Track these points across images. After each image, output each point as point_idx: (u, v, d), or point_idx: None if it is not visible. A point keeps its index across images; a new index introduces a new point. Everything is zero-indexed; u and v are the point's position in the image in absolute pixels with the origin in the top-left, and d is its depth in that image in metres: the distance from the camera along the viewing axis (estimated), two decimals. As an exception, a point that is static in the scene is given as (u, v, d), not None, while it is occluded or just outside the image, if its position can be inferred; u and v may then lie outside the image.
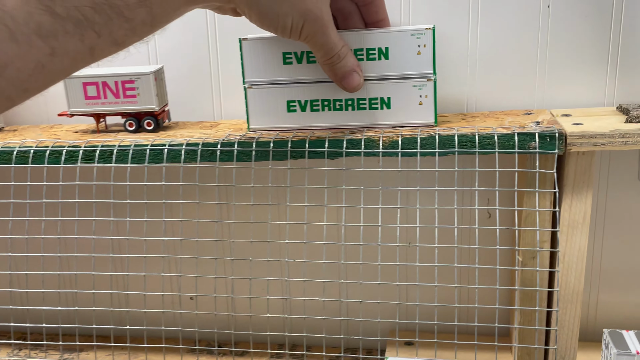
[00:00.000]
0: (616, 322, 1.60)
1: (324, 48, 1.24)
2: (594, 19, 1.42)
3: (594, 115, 1.38)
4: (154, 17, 1.03)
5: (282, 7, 1.13)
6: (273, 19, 1.15)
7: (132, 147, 1.38)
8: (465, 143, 1.30)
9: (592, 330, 1.62)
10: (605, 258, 1.57)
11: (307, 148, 1.34)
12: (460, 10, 1.45)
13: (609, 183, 1.52)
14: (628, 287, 1.59)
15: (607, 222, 1.54)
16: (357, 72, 1.31)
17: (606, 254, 1.57)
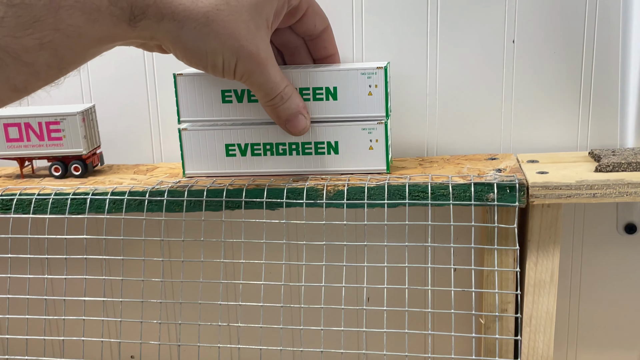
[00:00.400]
0: (597, 388, 1.49)
1: (264, 88, 1.15)
2: (564, 54, 1.34)
3: (563, 161, 1.29)
4: (60, 59, 0.94)
5: (210, 43, 1.04)
6: (201, 58, 1.06)
7: (53, 195, 1.28)
8: (418, 194, 1.20)
9: (570, 396, 1.50)
10: (582, 317, 1.47)
11: (244, 198, 1.24)
12: (418, 47, 1.37)
13: (584, 235, 1.42)
14: (608, 346, 1.47)
15: (583, 278, 1.44)
16: (303, 115, 1.22)
17: (584, 313, 1.46)
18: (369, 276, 1.27)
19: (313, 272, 1.31)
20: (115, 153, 1.50)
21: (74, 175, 1.38)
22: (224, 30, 1.04)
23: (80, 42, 0.95)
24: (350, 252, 1.32)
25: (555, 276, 1.22)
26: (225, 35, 1.04)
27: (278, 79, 1.15)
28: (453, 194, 1.19)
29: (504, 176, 1.20)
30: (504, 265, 1.22)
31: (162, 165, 1.46)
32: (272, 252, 1.33)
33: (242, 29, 1.06)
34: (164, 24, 1.00)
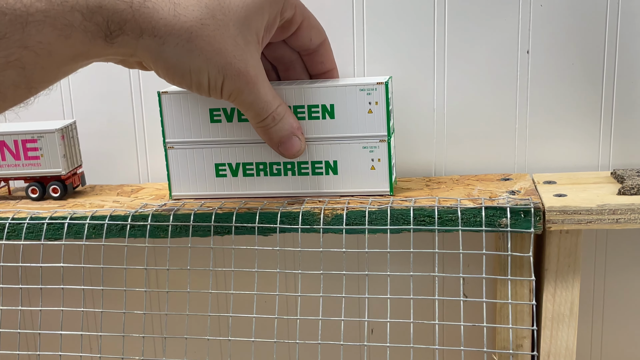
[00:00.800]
0: None
1: (254, 108, 1.08)
2: (583, 65, 1.27)
3: (583, 182, 1.21)
4: (29, 78, 0.88)
5: (194, 61, 0.97)
6: (184, 76, 0.99)
7: (28, 220, 1.22)
8: (423, 219, 1.13)
9: None
10: (606, 354, 1.39)
11: (234, 223, 1.17)
12: (424, 58, 1.30)
13: (607, 264, 1.35)
14: (635, 386, 1.39)
15: (606, 312, 1.36)
16: (297, 136, 1.15)
17: (607, 349, 1.39)
18: (371, 308, 1.20)
19: (310, 304, 1.24)
20: (98, 173, 1.44)
21: (53, 197, 1.32)
22: (209, 46, 0.97)
23: (51, 60, 0.89)
24: (350, 282, 1.25)
25: (575, 309, 1.15)
26: (210, 51, 0.98)
27: (269, 98, 1.08)
28: (462, 218, 1.12)
29: (518, 199, 1.13)
30: (518, 298, 1.15)
31: (147, 186, 1.39)
32: (265, 282, 1.26)
33: (230, 44, 0.99)
34: (144, 40, 0.94)
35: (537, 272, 1.17)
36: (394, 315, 1.16)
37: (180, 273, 1.25)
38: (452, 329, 1.21)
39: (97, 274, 1.24)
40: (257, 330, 1.18)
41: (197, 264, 1.21)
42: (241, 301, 1.25)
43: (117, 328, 1.23)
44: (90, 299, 1.40)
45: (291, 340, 1.19)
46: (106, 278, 1.24)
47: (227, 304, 1.42)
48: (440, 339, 1.14)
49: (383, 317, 1.15)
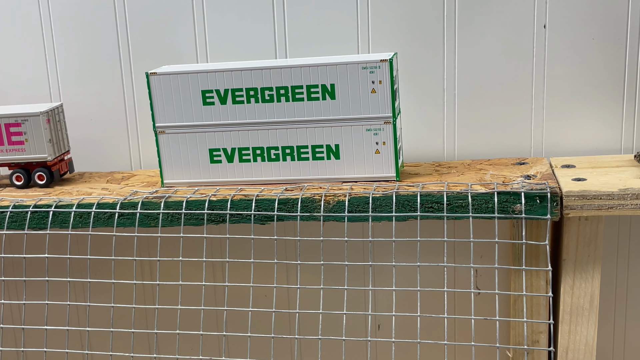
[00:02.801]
0: None
1: None
2: (604, 41, 1.24)
3: (604, 166, 1.19)
4: None
5: None
6: None
7: (10, 208, 1.20)
8: (431, 205, 1.11)
9: None
10: (629, 349, 1.36)
11: (229, 210, 1.15)
12: (433, 33, 1.28)
13: (630, 253, 1.32)
14: (661, 385, 1.36)
15: (630, 304, 1.34)
16: None
17: (630, 344, 1.36)
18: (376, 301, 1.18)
19: (310, 296, 1.21)
20: (87, 159, 1.42)
21: (39, 184, 1.30)
22: None
23: None
24: (353, 273, 1.23)
25: (595, 302, 1.12)
26: None
27: None
28: (473, 205, 1.09)
29: (534, 184, 1.10)
30: (534, 289, 1.13)
31: (139, 173, 1.38)
32: (262, 274, 1.24)
33: None
34: None
35: (554, 262, 1.15)
36: (400, 309, 1.14)
37: (171, 264, 1.23)
38: (463, 323, 1.19)
39: (84, 266, 1.22)
40: (253, 324, 1.16)
41: (189, 255, 1.19)
42: (237, 294, 1.23)
43: (106, 322, 1.21)
44: (77, 291, 1.39)
45: (290, 335, 1.17)
46: (93, 270, 1.22)
47: (222, 296, 1.40)
48: (449, 334, 1.12)
49: (388, 310, 1.13)
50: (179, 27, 1.34)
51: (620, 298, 1.34)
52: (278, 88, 1.18)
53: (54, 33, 1.37)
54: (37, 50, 1.38)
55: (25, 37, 1.38)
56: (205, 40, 1.34)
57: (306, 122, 1.18)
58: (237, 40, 1.33)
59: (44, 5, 1.36)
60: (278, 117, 1.19)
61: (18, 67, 1.40)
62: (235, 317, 1.23)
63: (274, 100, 1.18)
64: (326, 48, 1.32)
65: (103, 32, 1.36)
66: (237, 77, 1.18)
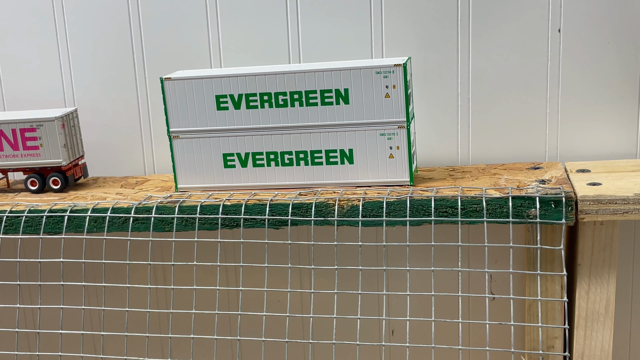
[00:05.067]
0: None
1: None
2: (619, 44, 1.25)
3: (619, 170, 1.20)
4: None
5: None
6: None
7: (26, 213, 1.22)
8: (445, 210, 1.12)
9: None
10: (645, 355, 1.35)
11: (243, 215, 1.16)
12: (447, 38, 1.29)
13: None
14: (678, 392, 1.36)
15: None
16: None
17: (647, 350, 1.35)
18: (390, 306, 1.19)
19: (324, 301, 1.22)
20: (101, 164, 1.44)
21: (53, 189, 1.32)
22: None
23: None
24: (367, 278, 1.23)
25: (611, 307, 1.12)
26: None
27: None
28: (488, 209, 1.10)
29: (549, 188, 1.11)
30: (549, 294, 1.13)
31: (153, 178, 1.39)
32: (276, 278, 1.25)
33: None
34: None
35: (569, 267, 1.15)
36: (414, 314, 1.15)
37: (186, 269, 1.25)
38: (477, 328, 1.19)
39: (99, 270, 1.24)
40: (267, 329, 1.17)
41: (204, 259, 1.20)
42: (251, 298, 1.24)
43: (120, 327, 1.22)
44: (90, 296, 1.40)
45: (304, 340, 1.18)
46: (108, 274, 1.24)
47: (236, 301, 1.41)
48: (464, 339, 1.13)
49: (402, 315, 1.14)
50: (193, 33, 1.35)
51: (636, 303, 1.34)
52: (292, 93, 1.19)
53: (68, 39, 1.39)
54: (52, 56, 1.40)
55: (40, 43, 1.40)
56: (219, 46, 1.36)
57: (320, 127, 1.20)
58: (250, 45, 1.35)
59: (59, 11, 1.38)
60: (292, 122, 1.20)
61: (33, 72, 1.42)
62: (249, 321, 1.24)
63: (287, 105, 1.20)
64: (339, 53, 1.33)
65: (117, 37, 1.37)
66: (251, 82, 1.20)
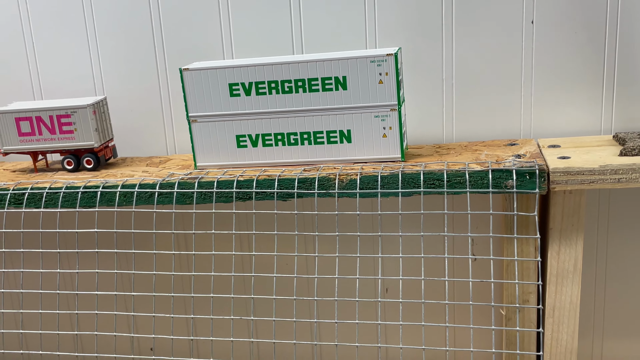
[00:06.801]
0: (624, 379, 1.38)
1: None
2: (585, 35, 1.23)
3: (586, 145, 1.18)
4: None
5: None
6: None
7: (63, 189, 1.22)
8: (433, 182, 1.11)
9: (597, 388, 1.40)
10: (609, 307, 1.36)
11: (255, 189, 1.16)
12: (432, 30, 1.27)
13: (609, 222, 1.31)
14: (636, 337, 1.36)
15: (609, 267, 1.33)
16: None
17: (610, 303, 1.36)
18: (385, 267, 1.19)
19: (326, 263, 1.23)
20: (129, 145, 1.43)
21: (87, 168, 1.32)
22: None
23: None
24: (364, 243, 1.23)
25: (578, 265, 1.12)
26: None
27: None
28: (470, 181, 1.09)
29: (524, 162, 1.10)
30: (524, 255, 1.13)
31: (175, 157, 1.38)
32: (284, 244, 1.25)
33: None
34: None
35: (542, 231, 1.15)
36: (406, 273, 1.15)
37: (205, 237, 1.25)
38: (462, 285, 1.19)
39: (129, 239, 1.24)
40: (277, 288, 1.18)
41: (220, 228, 1.20)
42: (262, 262, 1.25)
43: (148, 288, 1.23)
44: (122, 261, 1.41)
45: (310, 297, 1.19)
46: (136, 242, 1.24)
47: (249, 264, 1.41)
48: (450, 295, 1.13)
49: (395, 275, 1.14)
50: (207, 27, 1.34)
51: (600, 262, 1.34)
52: (296, 80, 1.18)
53: (97, 35, 1.38)
54: (84, 51, 1.39)
55: (72, 40, 1.39)
56: (230, 39, 1.34)
57: (321, 111, 1.19)
58: (258, 38, 1.33)
59: (88, 10, 1.36)
60: (296, 106, 1.19)
61: (67, 65, 1.41)
62: (261, 282, 1.25)
63: (292, 92, 1.19)
64: (337, 44, 1.31)
65: (140, 33, 1.36)
66: (259, 71, 1.19)
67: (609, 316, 1.37)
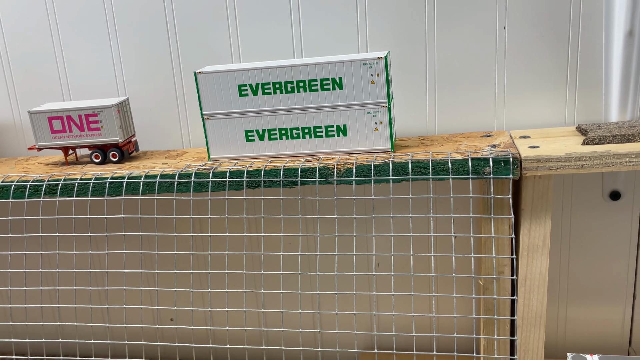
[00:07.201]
0: (585, 339, 1.41)
1: None
2: (551, 38, 1.25)
3: (553, 136, 1.20)
4: None
5: None
6: None
7: (93, 180, 1.23)
8: (420, 170, 1.13)
9: (561, 347, 1.43)
10: (573, 277, 1.39)
11: (263, 178, 1.17)
12: (417, 36, 1.28)
13: (573, 203, 1.33)
14: (596, 302, 1.39)
15: (573, 242, 1.36)
16: None
17: (574, 273, 1.38)
18: (377, 245, 1.21)
19: (327, 242, 1.25)
20: (148, 141, 1.44)
21: (112, 161, 1.33)
22: None
23: None
24: (359, 224, 1.25)
25: (547, 240, 1.14)
26: None
27: None
28: (452, 169, 1.11)
29: (499, 151, 1.12)
30: (500, 232, 1.15)
31: (190, 151, 1.40)
32: (290, 226, 1.27)
33: None
34: None
35: (515, 211, 1.17)
36: (397, 250, 1.17)
37: (219, 220, 1.26)
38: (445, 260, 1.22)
39: (152, 223, 1.25)
40: (284, 265, 1.19)
41: (233, 213, 1.22)
42: (270, 242, 1.26)
43: (170, 267, 1.24)
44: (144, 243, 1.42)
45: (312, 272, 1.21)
46: (159, 226, 1.25)
47: (258, 244, 1.43)
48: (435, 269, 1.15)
49: (387, 251, 1.16)
50: (217, 35, 1.35)
51: (565, 237, 1.37)
52: (298, 81, 1.19)
53: (119, 43, 1.38)
54: (107, 56, 1.40)
55: (97, 46, 1.39)
56: (238, 45, 1.35)
57: (320, 108, 1.20)
58: (263, 44, 1.34)
59: (110, 19, 1.37)
60: (298, 105, 1.20)
61: (93, 69, 1.41)
62: (270, 259, 1.27)
63: (294, 91, 1.20)
64: (333, 48, 1.32)
65: (158, 40, 1.37)
66: (265, 74, 1.20)
67: (573, 285, 1.40)
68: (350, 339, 1.32)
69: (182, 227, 1.32)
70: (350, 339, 1.33)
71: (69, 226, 1.29)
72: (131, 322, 1.28)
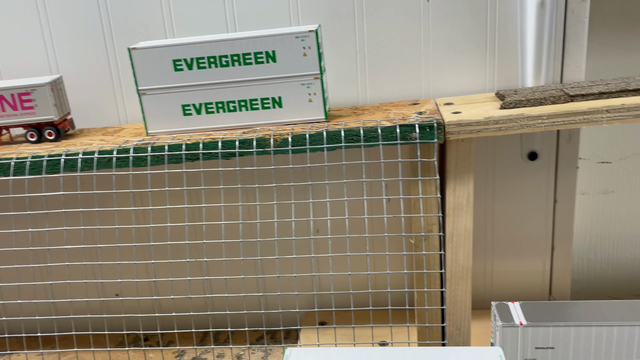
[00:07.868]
0: (510, 289, 1.52)
1: None
2: (471, 10, 1.31)
3: (474, 102, 1.27)
4: None
5: None
6: None
7: (29, 158, 1.22)
8: (352, 137, 1.18)
9: (489, 298, 1.53)
10: (496, 232, 1.48)
11: (202, 150, 1.19)
12: (346, 11, 1.32)
13: (495, 164, 1.42)
14: (518, 255, 1.49)
15: (496, 200, 1.45)
16: None
17: (497, 229, 1.48)
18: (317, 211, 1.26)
19: (266, 210, 1.28)
20: (85, 119, 1.42)
21: (48, 139, 1.32)
22: None
23: None
24: (297, 191, 1.29)
25: (470, 199, 1.22)
26: None
27: None
28: (382, 135, 1.17)
29: (425, 117, 1.18)
30: (427, 193, 1.21)
31: (127, 127, 1.40)
32: (230, 196, 1.30)
33: None
34: None
35: (441, 173, 1.23)
36: (333, 214, 1.22)
37: (160, 194, 1.28)
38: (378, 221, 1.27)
39: (92, 199, 1.25)
40: (226, 234, 1.23)
41: (173, 186, 1.23)
42: (211, 213, 1.29)
43: (112, 241, 1.25)
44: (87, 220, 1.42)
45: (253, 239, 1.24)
46: (99, 202, 1.25)
47: (199, 216, 1.45)
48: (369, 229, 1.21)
49: (324, 216, 1.21)
50: (150, 9, 1.34)
51: (488, 196, 1.45)
52: (232, 55, 1.21)
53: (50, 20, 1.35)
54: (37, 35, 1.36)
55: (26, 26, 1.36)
56: (171, 20, 1.35)
57: (255, 81, 1.22)
58: (197, 19, 1.34)
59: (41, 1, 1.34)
60: (233, 78, 1.22)
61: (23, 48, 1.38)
62: (212, 229, 1.29)
63: (229, 65, 1.21)
64: (266, 22, 1.34)
65: (89, 16, 1.35)
66: (199, 48, 1.20)
67: (497, 240, 1.49)
68: (292, 301, 1.38)
69: (123, 202, 1.33)
70: (292, 300, 1.39)
71: (6, 206, 1.28)
72: (76, 298, 1.29)
